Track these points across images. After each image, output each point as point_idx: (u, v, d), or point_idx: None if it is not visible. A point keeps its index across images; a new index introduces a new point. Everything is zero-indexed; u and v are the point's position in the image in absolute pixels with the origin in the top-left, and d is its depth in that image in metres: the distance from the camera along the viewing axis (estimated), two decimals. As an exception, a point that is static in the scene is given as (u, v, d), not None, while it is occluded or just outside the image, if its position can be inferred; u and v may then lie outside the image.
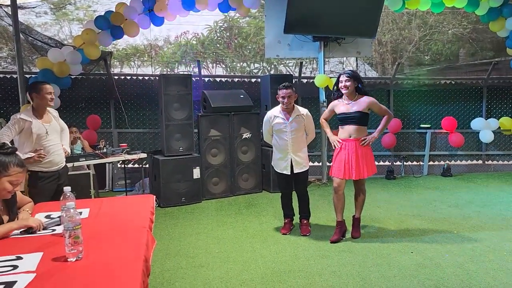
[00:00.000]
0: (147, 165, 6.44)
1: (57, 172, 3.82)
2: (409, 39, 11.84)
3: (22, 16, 7.23)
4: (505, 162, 8.54)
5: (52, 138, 3.79)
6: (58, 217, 2.43)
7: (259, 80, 7.90)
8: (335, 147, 4.33)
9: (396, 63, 8.90)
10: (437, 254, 3.91)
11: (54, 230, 2.33)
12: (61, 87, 6.29)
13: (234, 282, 3.42)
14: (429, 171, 8.18)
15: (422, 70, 9.91)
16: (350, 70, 4.39)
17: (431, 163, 8.33)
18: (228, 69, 12.31)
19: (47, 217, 2.58)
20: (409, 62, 11.40)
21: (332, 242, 4.25)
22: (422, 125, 8.36)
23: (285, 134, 4.46)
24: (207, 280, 3.46)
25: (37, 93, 3.72)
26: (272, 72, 11.95)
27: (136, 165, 7.21)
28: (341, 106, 4.31)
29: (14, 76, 6.89)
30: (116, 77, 7.63)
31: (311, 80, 7.89)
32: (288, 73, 11.27)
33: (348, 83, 4.22)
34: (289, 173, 4.50)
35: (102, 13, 6.39)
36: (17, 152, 2.43)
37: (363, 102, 4.22)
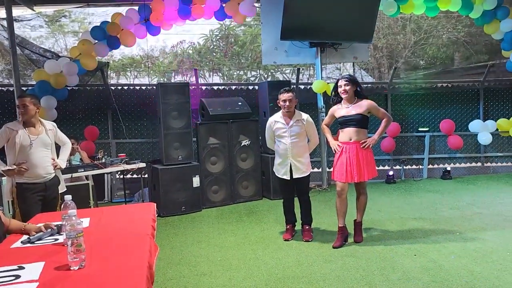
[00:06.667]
0: (146, 175, 6.41)
1: (43, 184, 3.79)
2: (405, 44, 11.91)
3: (17, 29, 7.23)
4: (504, 164, 8.55)
5: (37, 150, 3.75)
6: (55, 225, 2.42)
7: (256, 87, 7.91)
8: (335, 151, 4.33)
9: (393, 67, 8.94)
10: (440, 256, 3.88)
11: (56, 239, 2.30)
12: (58, 99, 6.28)
13: (237, 289, 3.39)
14: (428, 174, 8.18)
15: (418, 74, 9.96)
16: (348, 75, 4.40)
17: (430, 166, 8.34)
18: (225, 77, 12.34)
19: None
20: (405, 67, 11.47)
21: (334, 247, 4.22)
22: (420, 129, 8.38)
23: (285, 139, 4.45)
24: (210, 288, 3.42)
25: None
26: (269, 79, 11.96)
27: (135, 175, 7.20)
28: (341, 110, 4.31)
29: (11, 89, 6.88)
30: (113, 88, 7.63)
31: (309, 87, 7.90)
32: (285, 79, 11.30)
33: (347, 87, 4.22)
34: (289, 178, 4.48)
35: (98, 25, 6.39)
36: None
37: (363, 105, 4.22)
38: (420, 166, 8.32)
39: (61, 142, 4.10)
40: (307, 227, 4.59)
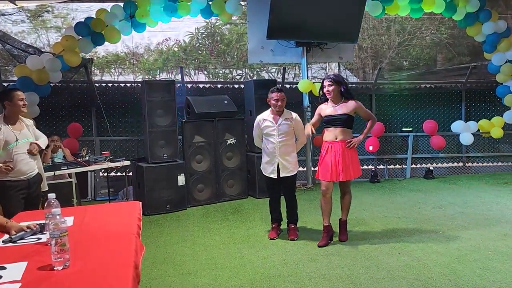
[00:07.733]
0: (131, 173, 6.34)
1: (27, 181, 3.72)
2: (389, 45, 12.04)
3: (-2, 24, 7.08)
4: (485, 164, 8.71)
5: (21, 146, 3.69)
6: (38, 224, 2.37)
7: (242, 86, 7.89)
8: (308, 134, 4.31)
9: (378, 68, 9.02)
10: (424, 254, 3.94)
11: (39, 238, 2.26)
12: (41, 95, 6.16)
13: (223, 288, 3.38)
14: (411, 173, 8.28)
15: (402, 74, 10.07)
16: (332, 74, 4.36)
17: (413, 166, 8.45)
18: (211, 75, 12.28)
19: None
20: (390, 67, 11.58)
21: (320, 246, 4.24)
22: (404, 129, 8.48)
23: (273, 138, 4.45)
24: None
25: (9, 100, 3.68)
26: (255, 78, 11.95)
27: (119, 173, 7.11)
28: (327, 109, 4.32)
29: (-9, 84, 6.73)
30: (97, 85, 7.53)
31: (294, 86, 7.91)
32: (271, 78, 11.31)
33: (331, 88, 4.23)
34: (276, 177, 4.48)
35: (82, 20, 6.28)
36: None
37: (349, 106, 4.24)
38: (404, 166, 8.42)
39: (36, 138, 3.98)
40: (293, 226, 4.61)
